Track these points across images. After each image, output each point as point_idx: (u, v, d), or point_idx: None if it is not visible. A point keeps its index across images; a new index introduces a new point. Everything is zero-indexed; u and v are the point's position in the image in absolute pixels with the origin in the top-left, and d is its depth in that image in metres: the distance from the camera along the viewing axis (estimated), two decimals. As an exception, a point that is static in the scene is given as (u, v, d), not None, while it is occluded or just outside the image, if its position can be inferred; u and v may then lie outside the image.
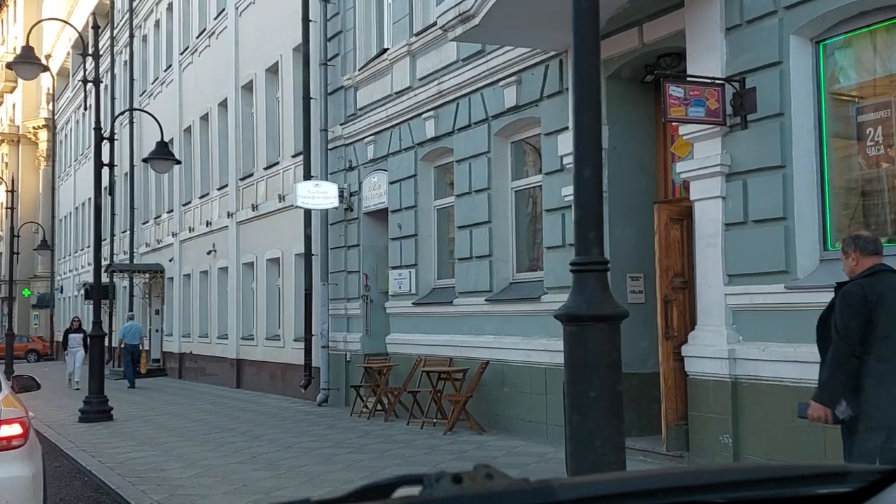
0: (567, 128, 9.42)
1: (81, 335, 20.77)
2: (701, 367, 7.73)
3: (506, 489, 1.09)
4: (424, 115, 12.38)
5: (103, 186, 13.75)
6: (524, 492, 1.09)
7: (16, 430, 5.59)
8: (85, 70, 14.61)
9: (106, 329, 17.55)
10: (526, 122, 10.54)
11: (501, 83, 10.70)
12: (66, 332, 21.64)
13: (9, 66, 13.08)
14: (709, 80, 7.31)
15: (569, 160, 9.35)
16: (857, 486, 1.18)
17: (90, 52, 13.75)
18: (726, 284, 7.57)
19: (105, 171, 13.73)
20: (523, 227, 11.05)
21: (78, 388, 18.98)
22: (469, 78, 11.33)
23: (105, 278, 22.66)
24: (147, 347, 23.91)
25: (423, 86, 12.48)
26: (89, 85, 14.33)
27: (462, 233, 11.60)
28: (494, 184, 11.03)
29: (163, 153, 13.64)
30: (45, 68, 13.05)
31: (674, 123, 8.23)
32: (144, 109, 19.62)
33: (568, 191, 9.35)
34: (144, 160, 14.05)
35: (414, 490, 1.10)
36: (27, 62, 12.70)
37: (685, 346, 7.95)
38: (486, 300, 10.96)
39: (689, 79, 7.31)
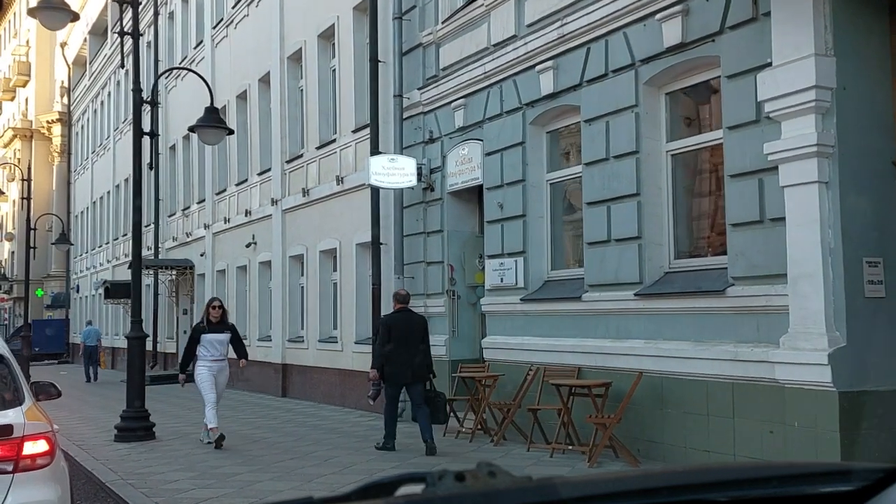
0: (769, 63, 7.13)
1: (228, 335, 10.82)
2: None
3: (509, 487, 1.07)
4: (539, 68, 10.07)
5: (142, 164, 11.49)
6: (527, 490, 1.08)
7: (41, 447, 4.98)
8: (122, 23, 12.36)
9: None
10: (694, 64, 8.22)
11: (657, 16, 8.40)
12: (198, 331, 10.78)
13: (31, 13, 10.84)
14: None
15: (773, 106, 7.08)
16: (861, 484, 1.16)
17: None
18: None
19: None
20: (683, 200, 8.74)
21: (216, 443, 10.21)
22: (605, 15, 9.04)
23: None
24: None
25: (534, 32, 10.19)
26: (127, 42, 12.03)
27: (595, 210, 9.29)
28: (645, 146, 8.72)
29: (213, 121, 11.41)
30: (75, 16, 10.82)
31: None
32: (192, 69, 17.24)
33: (772, 147, 7.06)
34: (191, 129, 11.78)
35: (417, 488, 1.09)
36: (53, 7, 10.48)
37: None
38: (634, 294, 8.64)
39: None
